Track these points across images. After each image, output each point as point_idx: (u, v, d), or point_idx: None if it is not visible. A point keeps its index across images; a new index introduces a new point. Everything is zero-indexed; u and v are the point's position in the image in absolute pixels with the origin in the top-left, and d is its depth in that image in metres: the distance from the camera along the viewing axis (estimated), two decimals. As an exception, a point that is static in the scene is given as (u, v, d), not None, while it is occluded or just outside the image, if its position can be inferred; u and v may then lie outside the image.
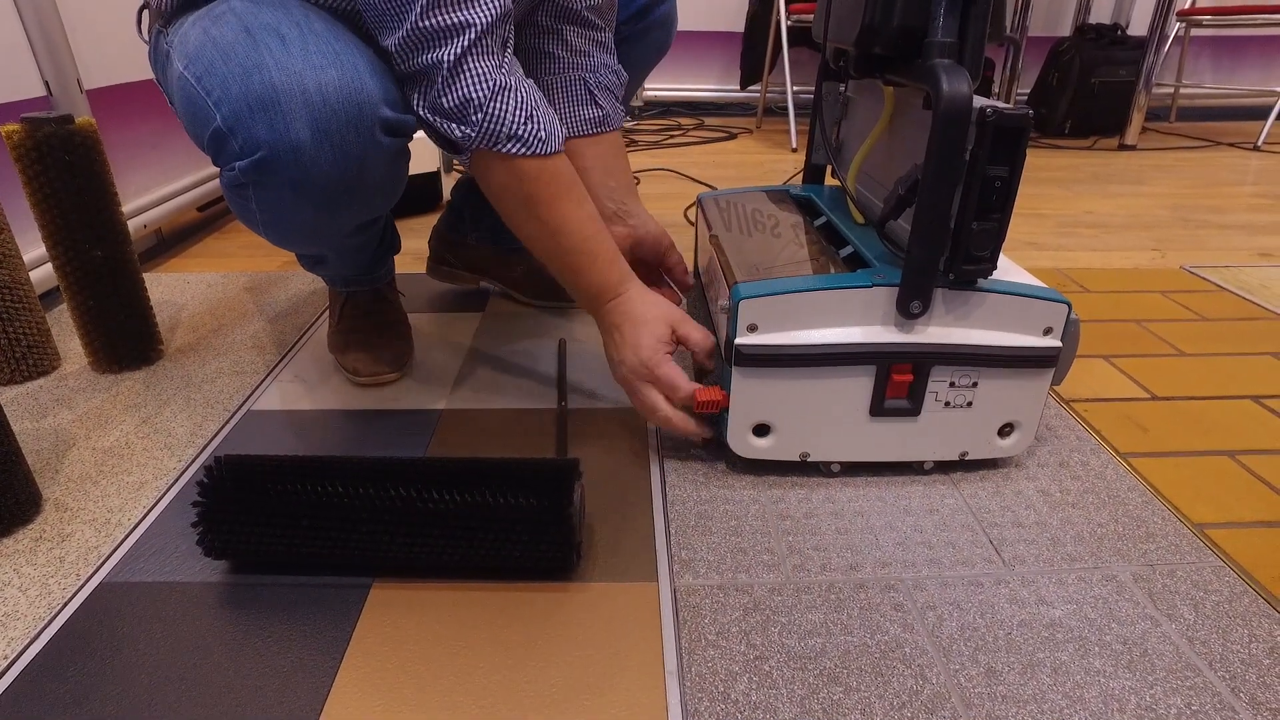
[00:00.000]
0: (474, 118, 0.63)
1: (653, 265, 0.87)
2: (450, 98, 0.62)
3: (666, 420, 0.70)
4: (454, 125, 0.64)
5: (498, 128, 0.63)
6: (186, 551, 0.63)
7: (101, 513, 0.68)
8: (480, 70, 0.62)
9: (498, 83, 0.62)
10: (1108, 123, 2.45)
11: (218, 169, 0.66)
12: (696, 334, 0.71)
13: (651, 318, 0.70)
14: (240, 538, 0.58)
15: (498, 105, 0.62)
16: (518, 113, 0.63)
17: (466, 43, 0.60)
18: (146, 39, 0.76)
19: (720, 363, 0.72)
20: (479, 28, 0.60)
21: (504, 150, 0.64)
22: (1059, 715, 0.49)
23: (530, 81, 0.67)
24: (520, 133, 0.64)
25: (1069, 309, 0.67)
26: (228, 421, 0.82)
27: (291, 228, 0.70)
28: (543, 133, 0.65)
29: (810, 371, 0.67)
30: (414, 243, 1.33)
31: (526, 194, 0.67)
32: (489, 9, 0.61)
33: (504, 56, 0.63)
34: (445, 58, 0.61)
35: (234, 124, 0.60)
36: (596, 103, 0.84)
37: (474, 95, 0.62)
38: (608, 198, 0.86)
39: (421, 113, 0.65)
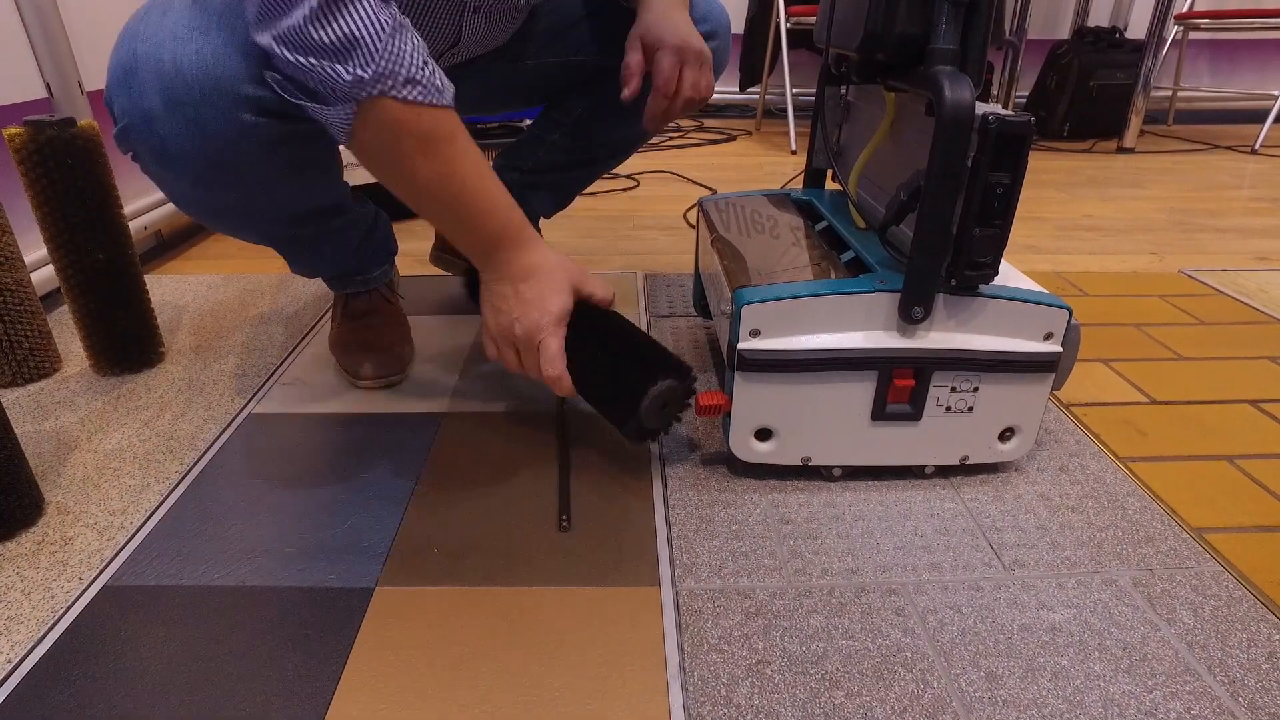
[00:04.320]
0: (364, 56, 0.54)
1: (648, 54, 0.77)
2: (329, 31, 0.52)
3: (558, 381, 0.66)
4: (337, 66, 0.54)
5: (396, 68, 0.55)
6: (189, 554, 0.63)
7: (104, 516, 0.68)
8: (367, 3, 0.53)
9: (395, 18, 0.54)
10: (1106, 126, 2.45)
11: None
12: (600, 290, 0.69)
13: (559, 283, 0.66)
14: None
15: (397, 44, 0.54)
16: (415, 55, 0.56)
17: None
18: None
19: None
20: None
21: (400, 96, 0.56)
22: (1060, 720, 0.50)
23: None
24: (419, 76, 0.56)
25: (1070, 314, 0.67)
26: (229, 424, 0.82)
27: (188, 204, 0.71)
28: (438, 81, 0.58)
29: (812, 376, 0.67)
30: (412, 244, 1.33)
31: (420, 141, 0.59)
32: None
33: None
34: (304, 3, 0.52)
35: (111, 92, 0.63)
36: None
37: (365, 30, 0.53)
38: None
39: (284, 54, 0.55)
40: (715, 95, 2.83)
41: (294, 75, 0.57)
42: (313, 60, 0.54)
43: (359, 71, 0.54)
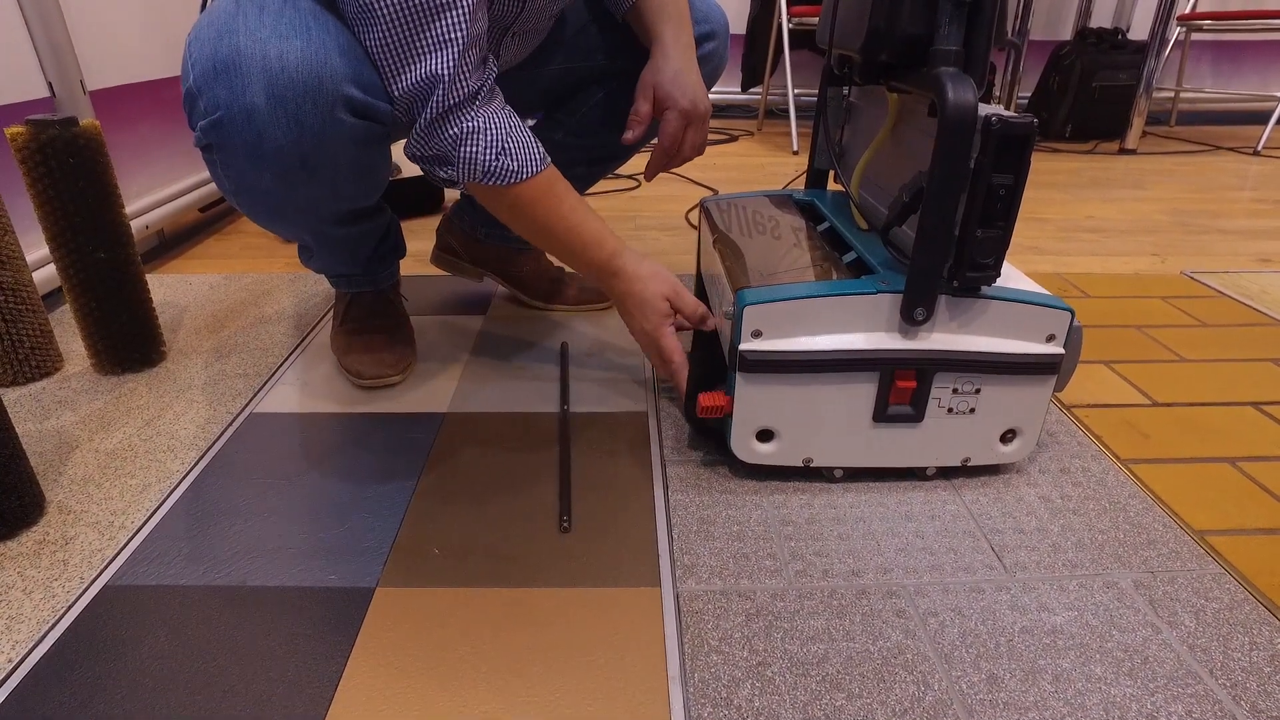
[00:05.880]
0: (448, 164, 0.69)
1: (658, 107, 0.83)
2: (427, 148, 0.69)
3: (674, 374, 0.78)
4: (435, 169, 0.71)
5: (471, 168, 0.69)
6: (190, 554, 0.63)
7: (105, 515, 0.68)
8: (446, 128, 0.67)
9: (464, 130, 0.67)
10: (1108, 127, 2.45)
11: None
12: (688, 306, 0.79)
13: (649, 295, 0.77)
14: None
15: (467, 150, 0.68)
16: (487, 152, 0.69)
17: (438, 100, 0.65)
18: None
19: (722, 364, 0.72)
20: (445, 80, 0.65)
21: (482, 183, 0.70)
22: (1061, 723, 0.50)
23: (507, 110, 0.71)
24: (493, 168, 0.69)
25: (1072, 316, 0.67)
26: (230, 424, 0.82)
27: (257, 199, 0.71)
28: (514, 164, 0.70)
29: (814, 377, 0.67)
30: (415, 244, 1.33)
31: (510, 205, 0.73)
32: (450, 56, 0.64)
33: (475, 102, 0.68)
34: (425, 114, 0.66)
35: (201, 85, 0.63)
36: None
37: (445, 148, 0.68)
38: (643, 36, 0.86)
39: (413, 153, 0.71)
40: (717, 95, 2.85)
41: (422, 169, 0.73)
42: (423, 165, 0.71)
43: (450, 173, 0.70)
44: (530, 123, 0.76)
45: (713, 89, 0.89)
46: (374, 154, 0.73)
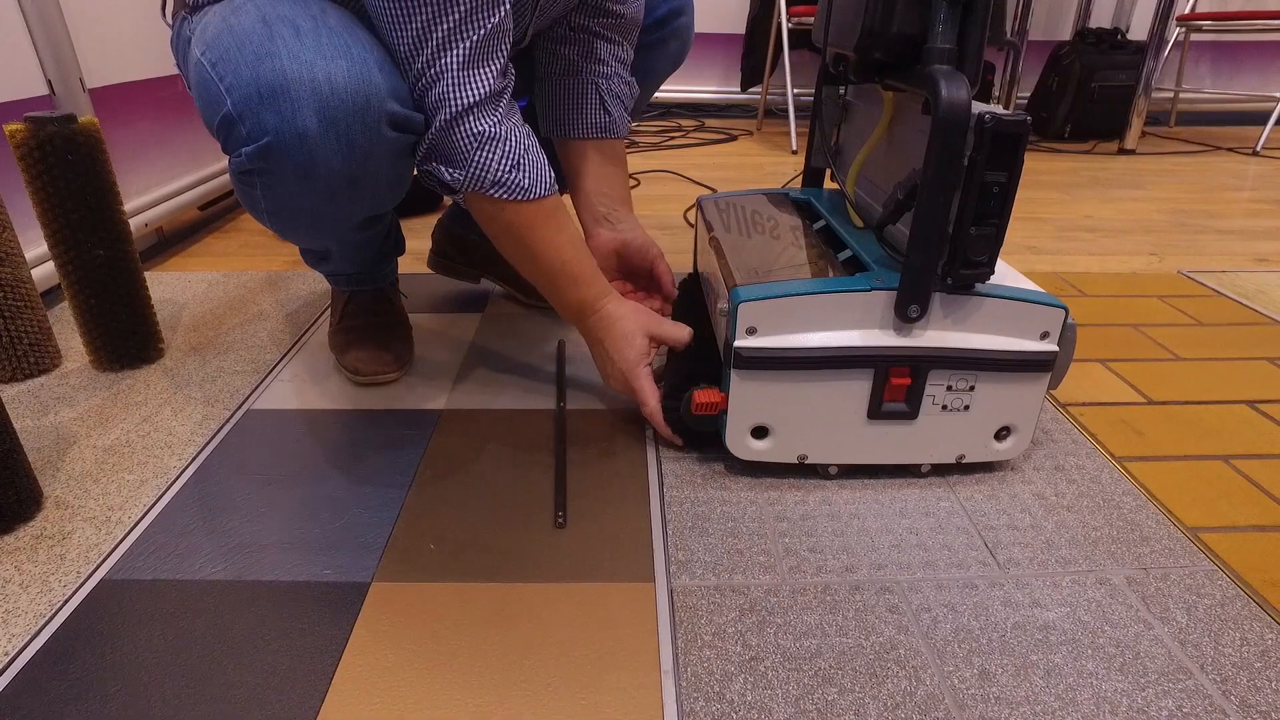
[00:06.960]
0: (459, 164, 0.67)
1: (639, 272, 0.90)
2: (438, 145, 0.67)
3: (651, 415, 0.76)
4: (442, 168, 0.68)
5: (483, 175, 0.67)
6: (186, 549, 0.64)
7: (102, 510, 0.69)
8: (469, 124, 0.66)
9: (484, 134, 0.66)
10: (1107, 127, 2.45)
11: (225, 162, 0.67)
12: (673, 332, 0.78)
13: (629, 331, 0.76)
14: None
15: (483, 155, 0.67)
16: (503, 162, 0.67)
17: (463, 106, 0.65)
18: (170, 23, 0.77)
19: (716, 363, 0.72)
20: (456, 74, 0.64)
21: (489, 194, 0.69)
22: (1051, 717, 0.50)
23: (525, 128, 0.70)
24: (504, 180, 0.68)
25: (1066, 314, 0.67)
26: (228, 420, 0.83)
27: (296, 217, 0.71)
28: (525, 181, 0.69)
29: (809, 374, 0.67)
30: (414, 243, 1.34)
31: (508, 224, 0.72)
32: (485, 84, 0.65)
33: (498, 109, 0.67)
34: (444, 111, 0.65)
35: (243, 110, 0.61)
36: (606, 109, 0.87)
37: (459, 145, 0.66)
38: (600, 202, 0.89)
39: (419, 149, 0.69)
40: (717, 95, 2.86)
41: (420, 167, 0.72)
42: (428, 166, 0.69)
43: (457, 175, 0.68)
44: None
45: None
46: (408, 163, 0.72)
